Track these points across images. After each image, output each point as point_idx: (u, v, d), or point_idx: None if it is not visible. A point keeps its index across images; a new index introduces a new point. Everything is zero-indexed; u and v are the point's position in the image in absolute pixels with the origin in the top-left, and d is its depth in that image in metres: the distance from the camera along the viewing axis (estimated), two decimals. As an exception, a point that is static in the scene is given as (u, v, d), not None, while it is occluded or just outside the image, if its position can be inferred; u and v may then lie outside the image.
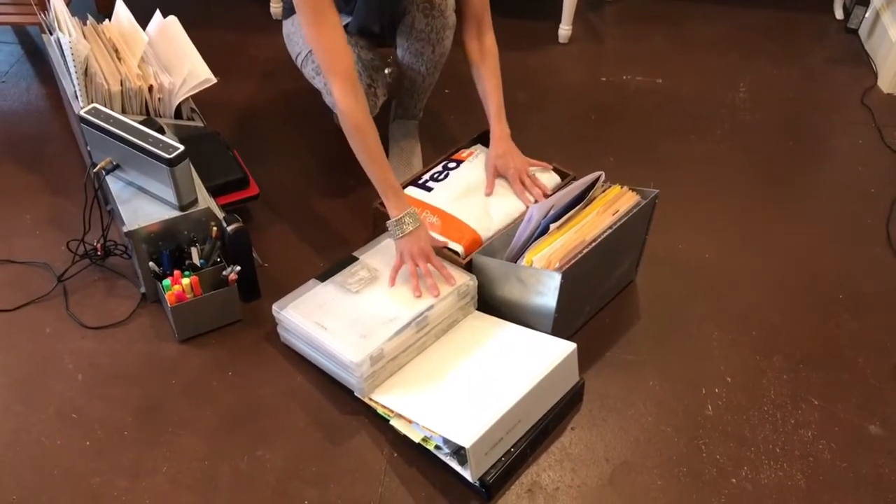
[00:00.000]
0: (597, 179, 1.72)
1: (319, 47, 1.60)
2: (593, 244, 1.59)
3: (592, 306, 1.75)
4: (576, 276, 1.56)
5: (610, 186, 1.74)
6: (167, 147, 1.59)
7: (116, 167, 1.69)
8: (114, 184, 1.72)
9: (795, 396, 1.62)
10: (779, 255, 1.94)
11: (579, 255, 1.56)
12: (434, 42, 1.90)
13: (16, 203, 1.99)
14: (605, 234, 1.61)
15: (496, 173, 1.86)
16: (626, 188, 1.73)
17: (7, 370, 1.63)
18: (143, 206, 1.68)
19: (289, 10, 1.95)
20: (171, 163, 1.57)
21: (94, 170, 1.69)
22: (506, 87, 2.43)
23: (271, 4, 2.65)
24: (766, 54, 2.65)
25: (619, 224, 1.63)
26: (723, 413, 1.59)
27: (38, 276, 1.81)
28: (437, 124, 2.28)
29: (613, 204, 1.68)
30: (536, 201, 1.80)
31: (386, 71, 2.01)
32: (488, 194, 1.83)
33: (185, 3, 1.92)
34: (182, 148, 1.60)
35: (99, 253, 1.80)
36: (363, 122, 1.63)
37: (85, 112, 1.67)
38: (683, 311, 1.79)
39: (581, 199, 1.69)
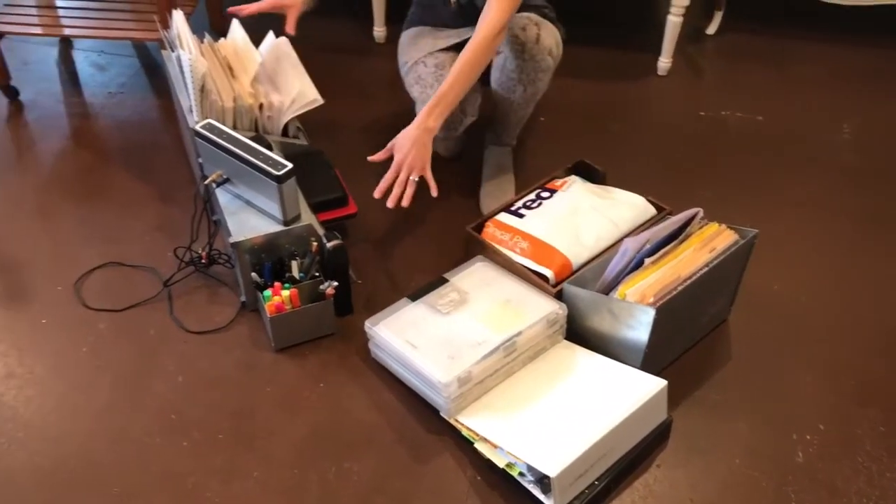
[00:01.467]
0: (694, 216, 1.70)
1: None
2: (689, 281, 1.58)
3: (684, 343, 1.73)
4: (669, 312, 1.55)
5: (707, 223, 1.73)
6: (276, 164, 1.66)
7: (226, 181, 1.77)
8: (222, 196, 1.80)
9: (893, 450, 1.57)
10: (878, 303, 1.88)
11: (674, 292, 1.55)
12: (525, 83, 1.91)
13: (127, 209, 2.09)
14: (702, 271, 1.60)
15: (390, 150, 1.78)
16: (724, 226, 1.71)
17: (114, 368, 1.71)
18: (248, 218, 1.75)
19: (408, 23, 2.08)
20: (279, 179, 1.64)
21: (206, 182, 1.77)
22: (603, 118, 2.44)
23: (374, 28, 2.73)
24: (873, 96, 2.58)
25: (715, 262, 1.62)
26: (814, 461, 1.55)
27: (145, 280, 1.90)
28: (531, 152, 2.30)
29: (711, 241, 1.66)
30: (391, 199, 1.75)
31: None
32: (373, 160, 1.78)
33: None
34: (290, 166, 1.66)
35: (204, 261, 1.88)
36: None
37: (200, 127, 1.76)
38: (777, 353, 1.76)
39: (678, 235, 1.68)
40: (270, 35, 2.06)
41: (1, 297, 1.86)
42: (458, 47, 1.99)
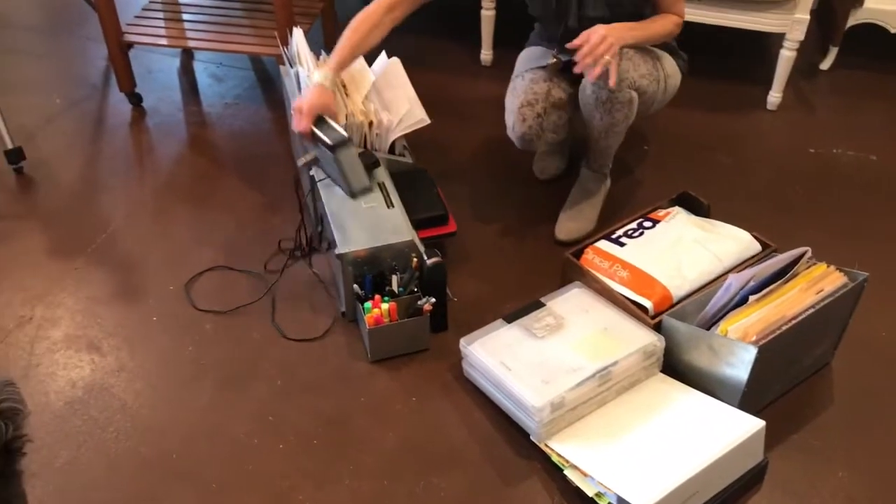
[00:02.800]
0: (802, 255, 1.66)
1: None
2: (793, 321, 1.54)
3: (783, 384, 1.69)
4: (772, 351, 1.52)
5: (815, 264, 1.68)
6: (332, 135, 1.77)
7: (315, 160, 1.89)
8: (328, 203, 1.85)
9: None
10: None
11: (778, 332, 1.52)
12: (601, 112, 1.87)
13: (237, 215, 2.17)
14: (807, 312, 1.56)
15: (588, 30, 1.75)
16: (832, 267, 1.66)
17: (217, 367, 1.78)
18: (353, 230, 1.79)
19: (528, 41, 2.14)
20: (332, 149, 1.76)
21: (301, 164, 1.90)
22: (709, 150, 2.41)
23: (482, 52, 2.77)
24: None
25: (822, 304, 1.57)
26: (919, 519, 1.49)
27: (250, 285, 1.97)
28: (635, 181, 2.29)
29: (818, 283, 1.62)
30: (573, 64, 1.75)
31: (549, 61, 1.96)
32: (571, 45, 1.75)
33: (404, 45, 2.06)
34: (346, 136, 1.78)
35: (305, 249, 1.99)
36: (362, 13, 1.88)
37: (313, 140, 1.83)
38: (882, 401, 1.70)
39: (784, 274, 1.64)
40: (383, 55, 2.12)
41: (118, 293, 1.96)
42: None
